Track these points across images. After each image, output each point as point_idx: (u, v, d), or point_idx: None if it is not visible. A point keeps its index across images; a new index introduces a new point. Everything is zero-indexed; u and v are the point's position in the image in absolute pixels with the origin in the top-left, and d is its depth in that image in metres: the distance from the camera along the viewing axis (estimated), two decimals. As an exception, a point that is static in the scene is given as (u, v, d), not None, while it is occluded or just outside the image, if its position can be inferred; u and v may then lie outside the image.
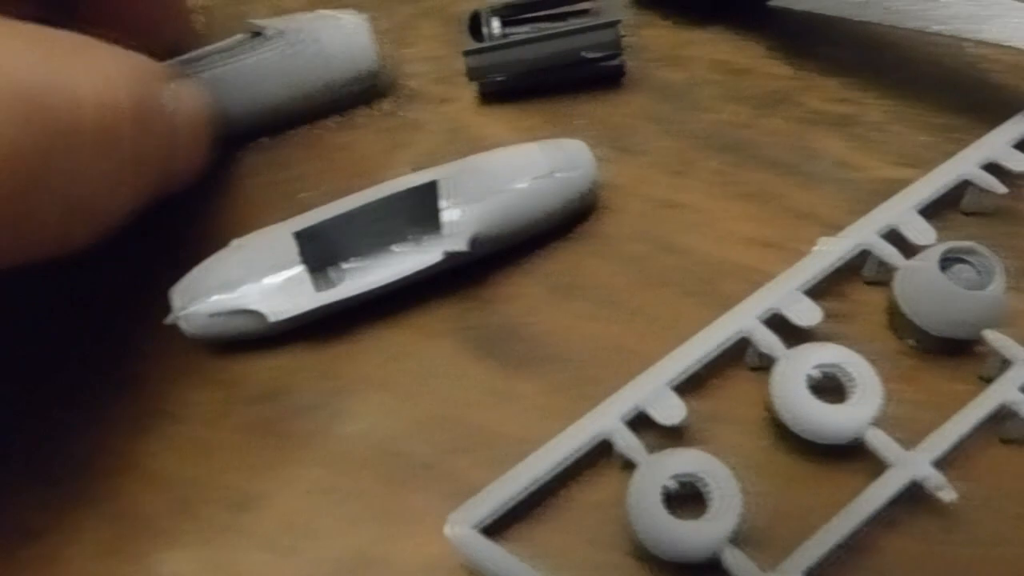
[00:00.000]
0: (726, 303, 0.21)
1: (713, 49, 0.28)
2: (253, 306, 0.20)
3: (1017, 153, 0.23)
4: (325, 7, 0.27)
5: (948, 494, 0.17)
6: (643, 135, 0.26)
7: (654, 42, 0.28)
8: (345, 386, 0.21)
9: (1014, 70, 0.25)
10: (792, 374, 0.18)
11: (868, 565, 0.18)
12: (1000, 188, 0.22)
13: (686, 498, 0.17)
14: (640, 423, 0.19)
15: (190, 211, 0.24)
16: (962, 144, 0.24)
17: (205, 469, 0.20)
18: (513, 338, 0.21)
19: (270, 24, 0.25)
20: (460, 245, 0.21)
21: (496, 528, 0.18)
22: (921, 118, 0.25)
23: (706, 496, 0.17)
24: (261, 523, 0.19)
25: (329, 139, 0.26)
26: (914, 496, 0.18)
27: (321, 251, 0.21)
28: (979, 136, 0.24)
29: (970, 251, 0.19)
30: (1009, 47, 0.23)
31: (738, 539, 0.17)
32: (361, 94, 0.26)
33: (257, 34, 0.25)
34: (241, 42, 0.24)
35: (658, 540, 0.17)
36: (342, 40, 0.25)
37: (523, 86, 0.26)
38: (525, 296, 0.22)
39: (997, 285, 0.19)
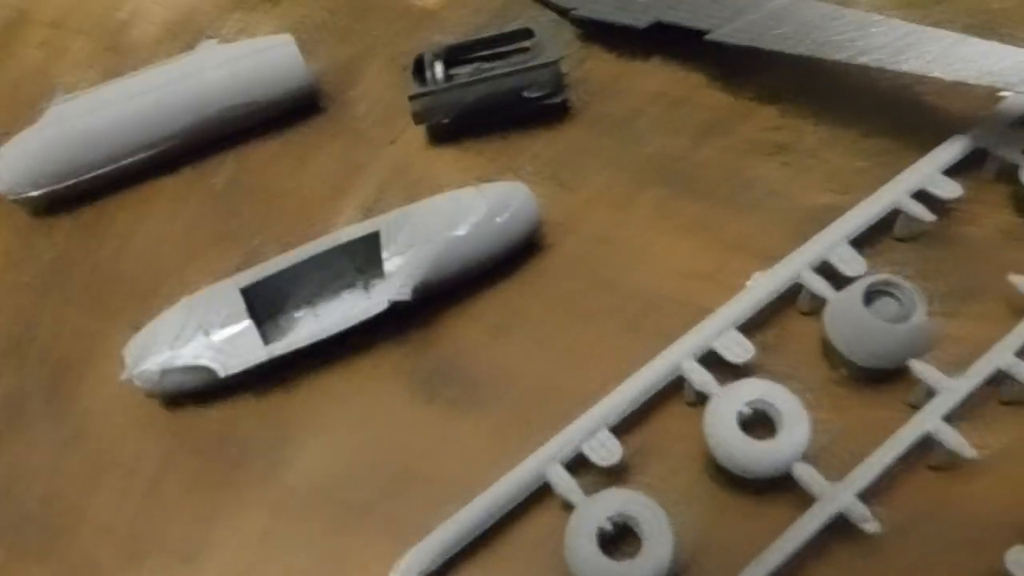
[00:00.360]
0: (662, 338, 0.21)
1: (653, 80, 0.29)
2: (204, 362, 0.20)
3: (946, 180, 0.23)
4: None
5: (872, 526, 0.18)
6: (584, 170, 0.26)
7: (597, 74, 0.29)
8: (289, 433, 0.21)
9: (942, 95, 0.26)
10: (724, 411, 0.19)
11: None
12: (928, 216, 0.22)
13: (622, 536, 0.18)
14: (579, 463, 0.19)
15: (145, 264, 0.25)
16: (894, 168, 0.24)
17: (156, 520, 0.20)
18: (454, 380, 0.22)
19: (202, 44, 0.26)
20: (404, 294, 0.21)
21: (441, 572, 0.18)
22: (854, 144, 0.26)
23: (640, 535, 0.18)
24: (209, 573, 0.19)
25: (279, 184, 0.27)
26: (841, 526, 0.18)
27: (270, 302, 0.22)
28: (910, 159, 0.24)
29: (892, 284, 0.20)
30: (928, 76, 0.23)
31: (672, 575, 0.17)
32: (299, 116, 0.27)
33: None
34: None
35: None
36: (268, 60, 0.26)
37: (469, 125, 0.27)
38: (466, 337, 0.23)
39: (918, 317, 0.19)
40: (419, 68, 0.27)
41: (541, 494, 0.19)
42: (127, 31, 0.34)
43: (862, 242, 0.23)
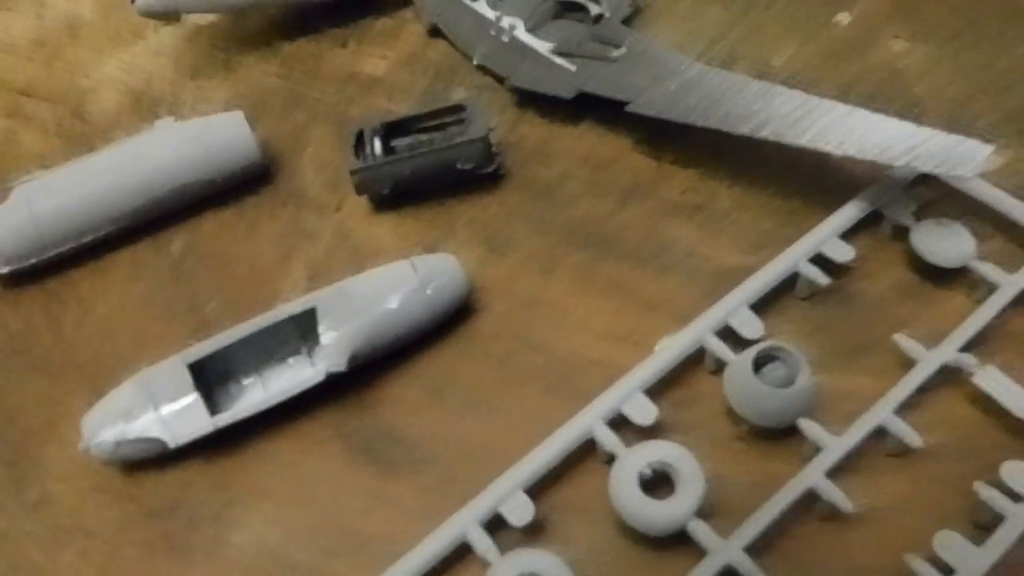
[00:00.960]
0: (581, 399, 0.23)
1: (582, 144, 0.31)
2: (154, 434, 0.22)
3: (841, 243, 0.25)
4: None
5: None
6: (515, 234, 0.28)
7: (530, 138, 0.31)
8: (236, 496, 0.23)
9: (846, 157, 0.28)
10: (627, 472, 0.21)
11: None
12: (823, 280, 0.24)
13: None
14: (497, 523, 0.21)
15: (105, 332, 0.27)
16: (800, 228, 0.26)
17: (116, 582, 0.22)
18: (389, 441, 0.24)
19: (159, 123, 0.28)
20: (339, 365, 0.23)
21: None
22: (764, 205, 0.28)
23: (549, 591, 0.20)
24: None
25: (231, 252, 0.29)
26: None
27: (220, 370, 0.23)
28: (815, 219, 0.26)
29: (780, 350, 0.22)
30: (820, 150, 0.25)
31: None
32: (251, 184, 0.29)
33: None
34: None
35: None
36: (220, 134, 0.28)
37: (407, 194, 0.29)
38: (401, 400, 0.25)
39: (802, 381, 0.21)
40: (359, 142, 0.29)
41: (464, 553, 0.21)
42: (91, 99, 0.36)
43: (766, 302, 0.25)
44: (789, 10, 0.35)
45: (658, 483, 0.21)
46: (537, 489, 0.22)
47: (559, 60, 0.32)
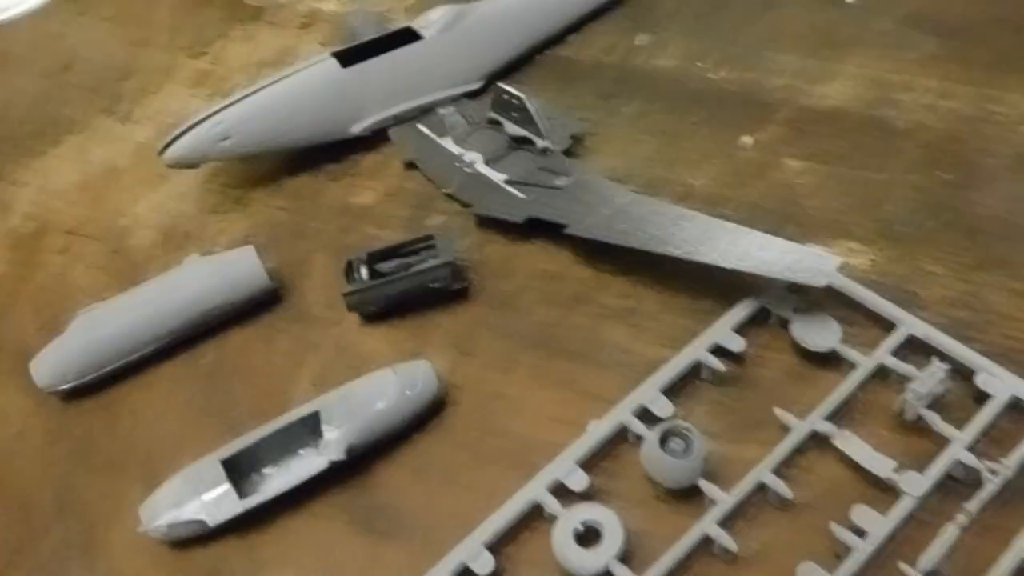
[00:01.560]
0: (535, 471, 0.30)
1: (535, 260, 0.37)
2: (198, 517, 0.29)
3: (734, 336, 0.32)
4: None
5: None
6: (480, 339, 0.35)
7: (492, 256, 0.38)
8: (264, 563, 0.29)
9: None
10: (564, 529, 0.27)
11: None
12: (720, 367, 0.31)
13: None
14: (466, 574, 0.27)
15: (153, 434, 0.33)
16: (709, 324, 0.33)
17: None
18: (383, 515, 0.30)
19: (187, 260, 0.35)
20: (340, 455, 0.30)
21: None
22: (682, 306, 0.35)
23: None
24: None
25: (252, 363, 0.35)
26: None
27: (247, 463, 0.30)
28: (721, 316, 0.33)
29: (680, 427, 0.28)
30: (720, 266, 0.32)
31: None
32: (266, 304, 0.36)
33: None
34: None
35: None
36: (237, 268, 0.35)
37: (392, 310, 0.35)
38: (391, 481, 0.31)
39: (697, 451, 0.28)
40: (349, 269, 0.36)
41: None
42: (129, 236, 0.43)
43: (679, 387, 0.32)
44: (706, 138, 0.42)
45: (589, 536, 0.28)
46: (497, 545, 0.28)
47: (512, 189, 0.39)
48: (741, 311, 0.33)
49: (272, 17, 0.55)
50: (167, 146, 0.40)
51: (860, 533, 0.26)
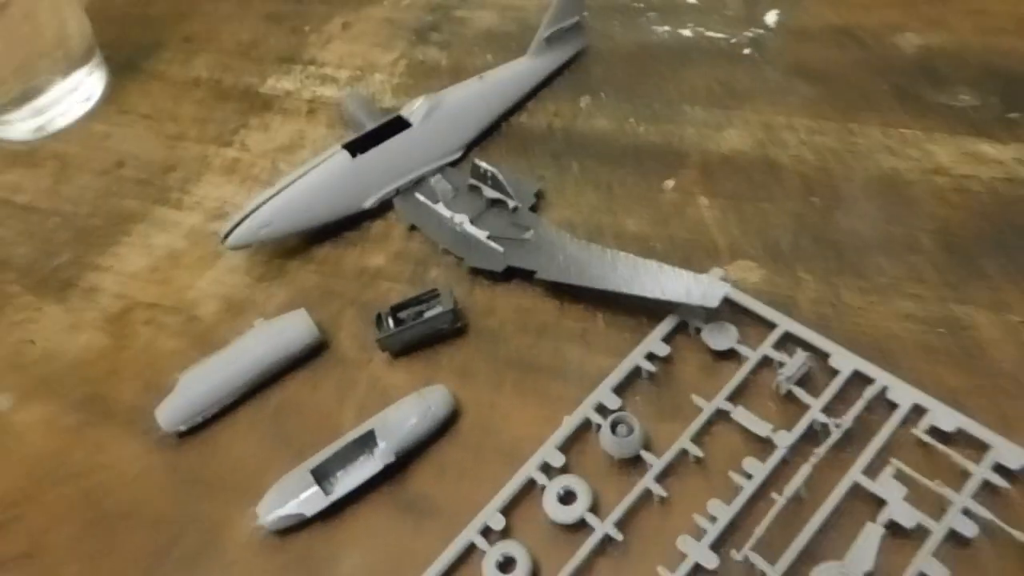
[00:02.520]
0: (525, 459, 0.42)
1: (512, 298, 0.49)
2: (297, 511, 0.41)
3: (663, 344, 0.44)
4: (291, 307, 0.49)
5: (616, 535, 0.38)
6: (476, 365, 0.47)
7: (480, 299, 0.50)
8: (340, 543, 0.41)
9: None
10: (550, 495, 0.40)
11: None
12: (652, 369, 0.44)
13: None
14: (486, 531, 0.40)
15: (245, 464, 0.46)
16: (643, 335, 0.46)
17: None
18: (420, 502, 0.42)
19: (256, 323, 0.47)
20: (390, 458, 0.42)
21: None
22: (625, 323, 0.47)
23: None
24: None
25: (308, 402, 0.47)
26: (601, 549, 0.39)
27: (326, 470, 0.43)
28: (651, 329, 0.45)
29: (624, 417, 0.41)
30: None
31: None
32: (315, 353, 0.48)
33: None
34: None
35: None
36: (294, 328, 0.47)
37: (412, 348, 0.48)
38: (424, 476, 0.43)
39: (637, 433, 0.40)
40: (379, 319, 0.48)
41: (471, 551, 0.40)
42: (198, 307, 0.54)
43: (625, 386, 0.44)
44: (636, 185, 0.54)
45: (568, 497, 0.40)
46: (506, 510, 0.41)
47: (492, 244, 0.51)
48: (666, 325, 0.45)
49: (282, 105, 0.67)
50: (227, 235, 0.52)
51: (748, 476, 0.39)
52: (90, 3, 0.78)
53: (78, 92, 0.70)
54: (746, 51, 0.60)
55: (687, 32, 0.62)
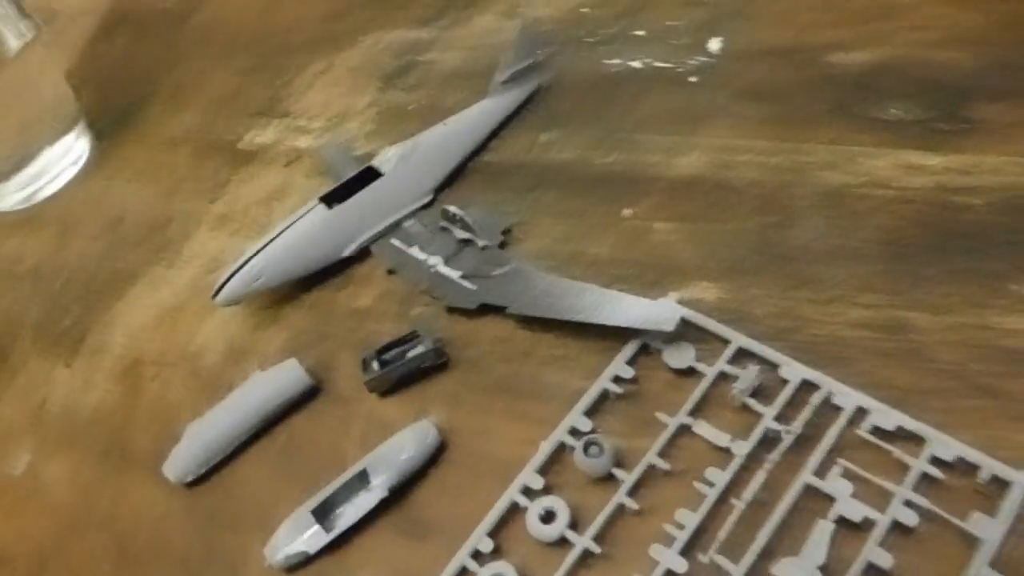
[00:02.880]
0: (511, 480, 0.46)
1: (490, 330, 0.53)
2: (302, 549, 0.45)
3: (628, 367, 0.48)
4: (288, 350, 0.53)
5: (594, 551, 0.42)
6: (462, 395, 0.51)
7: (460, 332, 0.53)
8: (350, 570, 0.46)
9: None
10: (533, 514, 0.44)
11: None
12: (619, 391, 0.48)
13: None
14: (477, 554, 0.44)
15: (256, 501, 0.50)
16: (612, 358, 0.49)
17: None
18: (418, 525, 0.46)
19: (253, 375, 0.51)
20: (385, 493, 0.46)
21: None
22: (594, 348, 0.50)
23: (504, 579, 0.42)
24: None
25: (312, 438, 0.51)
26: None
27: (325, 509, 0.46)
28: (620, 350, 0.49)
29: (596, 439, 0.45)
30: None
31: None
32: (313, 395, 0.52)
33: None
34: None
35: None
36: (287, 377, 0.51)
37: (400, 384, 0.52)
38: (421, 501, 0.47)
39: (608, 453, 0.44)
40: (365, 363, 0.52)
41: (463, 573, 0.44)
42: (200, 358, 0.58)
43: (596, 407, 0.48)
44: (602, 214, 0.57)
45: (549, 516, 0.44)
46: (493, 532, 0.45)
47: (465, 283, 0.55)
48: (630, 349, 0.49)
49: (263, 158, 0.71)
50: (217, 292, 0.56)
51: (711, 484, 0.43)
52: (73, 67, 0.82)
53: (67, 157, 0.74)
54: (693, 79, 0.64)
55: (637, 64, 0.66)
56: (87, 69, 0.83)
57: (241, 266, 0.55)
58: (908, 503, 0.40)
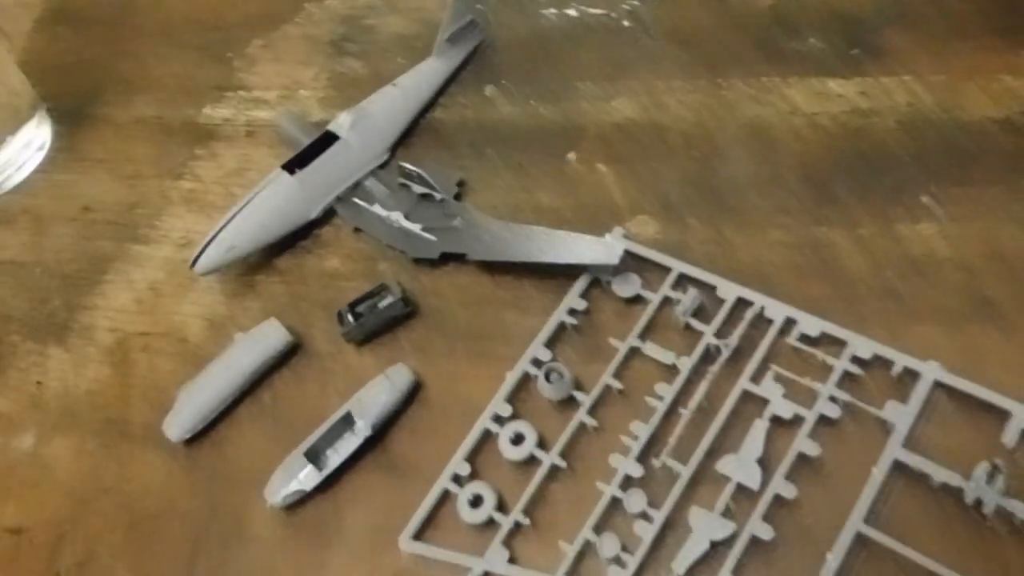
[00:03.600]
0: (481, 412, 0.51)
1: (452, 278, 0.57)
2: (298, 488, 0.50)
3: (581, 300, 0.53)
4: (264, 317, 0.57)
5: (559, 464, 0.48)
6: (430, 341, 0.55)
7: (425, 282, 0.58)
8: (341, 506, 0.51)
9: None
10: (504, 438, 0.48)
11: None
12: (574, 321, 0.52)
13: None
14: (456, 478, 0.49)
15: (251, 453, 0.54)
16: (565, 294, 0.54)
17: (281, 567, 0.50)
18: (400, 462, 0.50)
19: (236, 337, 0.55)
20: (369, 432, 0.51)
21: (417, 537, 0.48)
22: (547, 287, 0.55)
23: (482, 498, 0.48)
24: None
25: (295, 394, 0.55)
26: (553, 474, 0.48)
27: (316, 451, 0.51)
28: (572, 285, 0.54)
29: (555, 367, 0.50)
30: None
31: None
32: (294, 354, 0.56)
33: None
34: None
35: None
36: (269, 336, 0.55)
37: (373, 334, 0.56)
38: (400, 440, 0.51)
39: (567, 379, 0.49)
40: (340, 317, 0.56)
41: (445, 496, 0.49)
42: (185, 329, 0.60)
43: (554, 339, 0.53)
44: (545, 162, 0.61)
45: (519, 439, 0.49)
46: (470, 457, 0.50)
47: (426, 234, 0.59)
48: (581, 283, 0.53)
49: (223, 133, 0.73)
50: (194, 262, 0.59)
51: (660, 398, 0.48)
52: (25, 57, 0.84)
53: (30, 146, 0.76)
54: (625, 23, 0.68)
55: (572, 12, 0.70)
56: (34, 61, 0.84)
57: (214, 236, 0.58)
58: (832, 399, 0.46)
